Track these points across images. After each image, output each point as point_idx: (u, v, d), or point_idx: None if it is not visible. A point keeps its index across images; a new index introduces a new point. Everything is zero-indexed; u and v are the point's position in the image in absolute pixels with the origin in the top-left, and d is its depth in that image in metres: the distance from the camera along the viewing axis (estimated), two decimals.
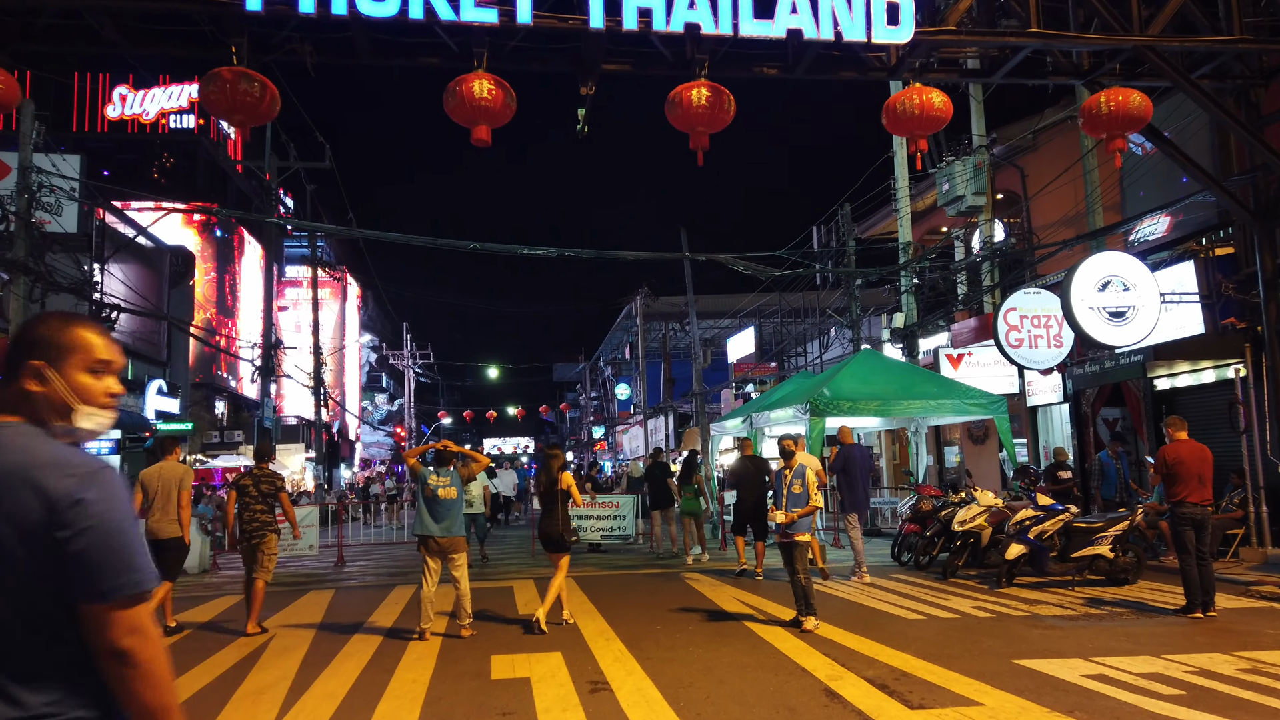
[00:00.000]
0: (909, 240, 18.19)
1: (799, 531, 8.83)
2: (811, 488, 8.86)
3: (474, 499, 14.39)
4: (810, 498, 8.81)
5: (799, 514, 8.76)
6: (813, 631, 8.47)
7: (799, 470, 8.92)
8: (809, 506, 8.80)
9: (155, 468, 9.33)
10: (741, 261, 16.12)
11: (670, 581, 12.28)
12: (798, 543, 8.78)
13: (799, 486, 8.83)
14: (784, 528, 8.80)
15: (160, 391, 24.73)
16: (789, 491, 8.85)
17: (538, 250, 15.27)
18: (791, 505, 8.81)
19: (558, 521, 9.16)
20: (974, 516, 11.89)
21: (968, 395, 14.49)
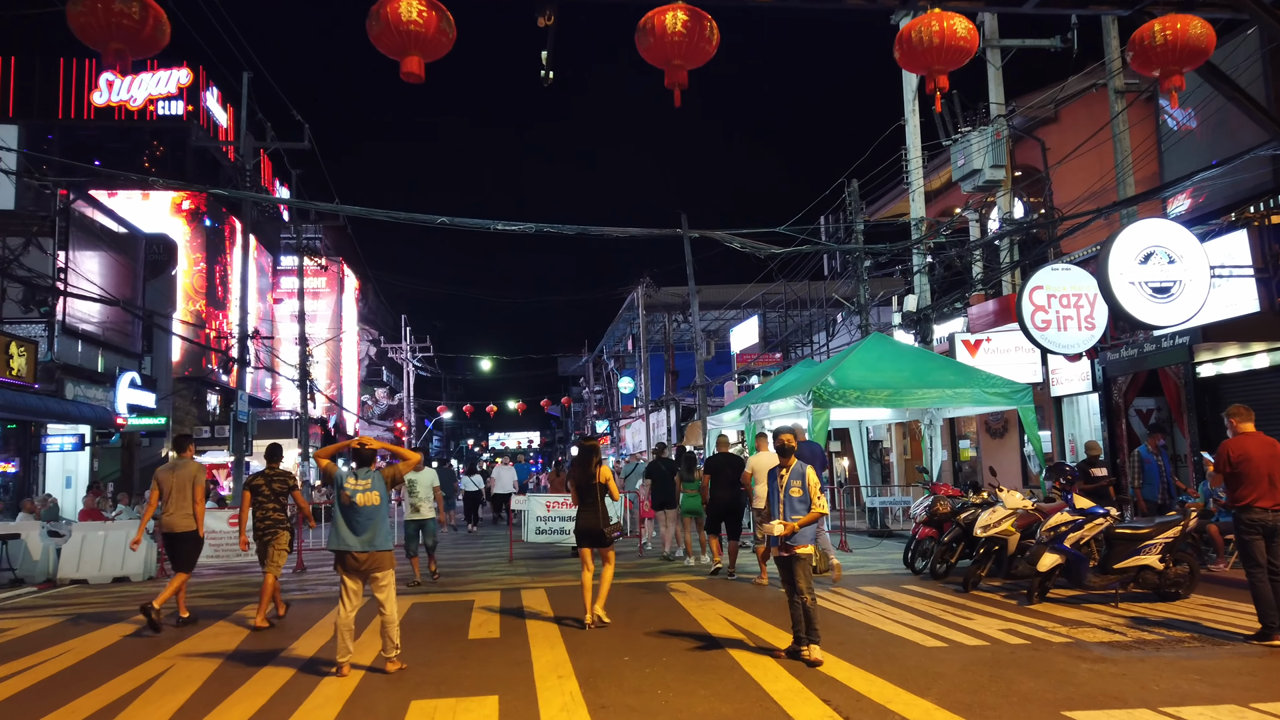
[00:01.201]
0: (922, 216, 16.55)
1: (800, 543, 7.24)
2: (814, 490, 7.29)
3: (422, 503, 12.23)
4: (813, 502, 7.25)
5: (801, 523, 7.19)
6: (815, 663, 6.92)
7: (797, 470, 7.33)
8: (812, 513, 7.23)
9: (170, 465, 9.55)
10: (739, 239, 14.53)
11: (653, 594, 10.72)
12: (799, 556, 7.21)
13: (798, 489, 7.27)
14: (783, 539, 7.22)
15: (133, 384, 23.28)
16: (786, 495, 7.28)
17: (513, 226, 13.70)
18: (790, 512, 7.24)
19: (598, 516, 8.73)
20: (999, 521, 10.28)
21: (988, 383, 12.88)
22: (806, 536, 7.25)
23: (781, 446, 7.48)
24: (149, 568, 13.98)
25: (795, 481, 7.29)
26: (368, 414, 49.74)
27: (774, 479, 7.41)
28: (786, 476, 7.34)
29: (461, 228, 13.46)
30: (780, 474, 7.37)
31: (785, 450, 7.45)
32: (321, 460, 7.38)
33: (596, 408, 53.15)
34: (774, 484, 7.38)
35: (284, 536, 9.54)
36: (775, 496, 7.33)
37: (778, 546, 7.27)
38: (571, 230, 13.98)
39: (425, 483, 12.29)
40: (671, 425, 36.76)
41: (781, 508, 7.26)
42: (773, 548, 7.38)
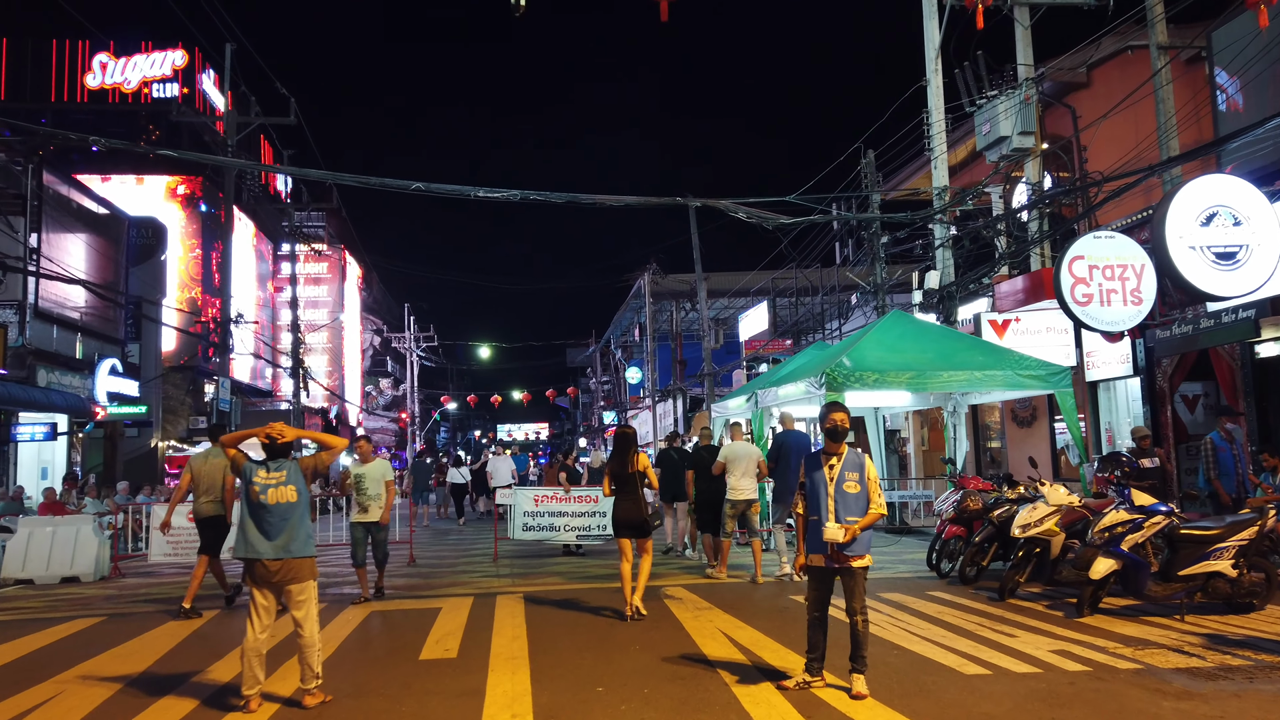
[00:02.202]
0: (945, 185, 15.06)
1: (858, 553, 5.77)
2: (874, 487, 5.83)
3: (370, 501, 9.84)
4: (872, 501, 5.79)
5: (860, 526, 5.71)
6: (859, 696, 5.57)
7: (853, 460, 5.81)
8: (871, 514, 5.76)
9: (203, 454, 9.93)
10: (745, 209, 13.13)
11: (645, 601, 9.33)
12: (855, 570, 5.76)
13: (855, 483, 5.74)
14: (835, 547, 5.72)
15: (114, 371, 22.05)
16: (839, 491, 5.72)
17: (495, 193, 12.34)
18: (846, 513, 5.71)
19: (638, 505, 8.45)
20: (1041, 519, 8.85)
21: (1022, 365, 11.44)
22: (864, 545, 5.76)
23: (834, 428, 5.91)
24: (101, 567, 12.71)
25: (850, 474, 5.77)
26: (371, 405, 48.54)
27: (818, 469, 5.87)
28: (838, 467, 5.80)
29: (438, 194, 12.11)
30: (830, 464, 5.83)
31: (837, 433, 5.89)
32: (229, 448, 6.03)
33: (604, 399, 51.81)
34: (820, 476, 5.84)
35: None
36: (823, 492, 5.79)
37: (824, 555, 5.77)
38: (560, 198, 12.60)
39: (375, 476, 9.90)
40: (679, 415, 35.38)
41: (832, 506, 5.72)
42: (814, 555, 5.82)
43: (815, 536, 5.74)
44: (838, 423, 5.88)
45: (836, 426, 5.87)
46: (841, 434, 5.85)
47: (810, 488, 5.85)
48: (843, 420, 5.89)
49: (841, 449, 5.86)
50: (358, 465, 9.94)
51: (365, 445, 10.19)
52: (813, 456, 5.95)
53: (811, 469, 5.89)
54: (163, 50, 34.73)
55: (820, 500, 5.76)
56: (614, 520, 8.60)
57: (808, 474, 5.90)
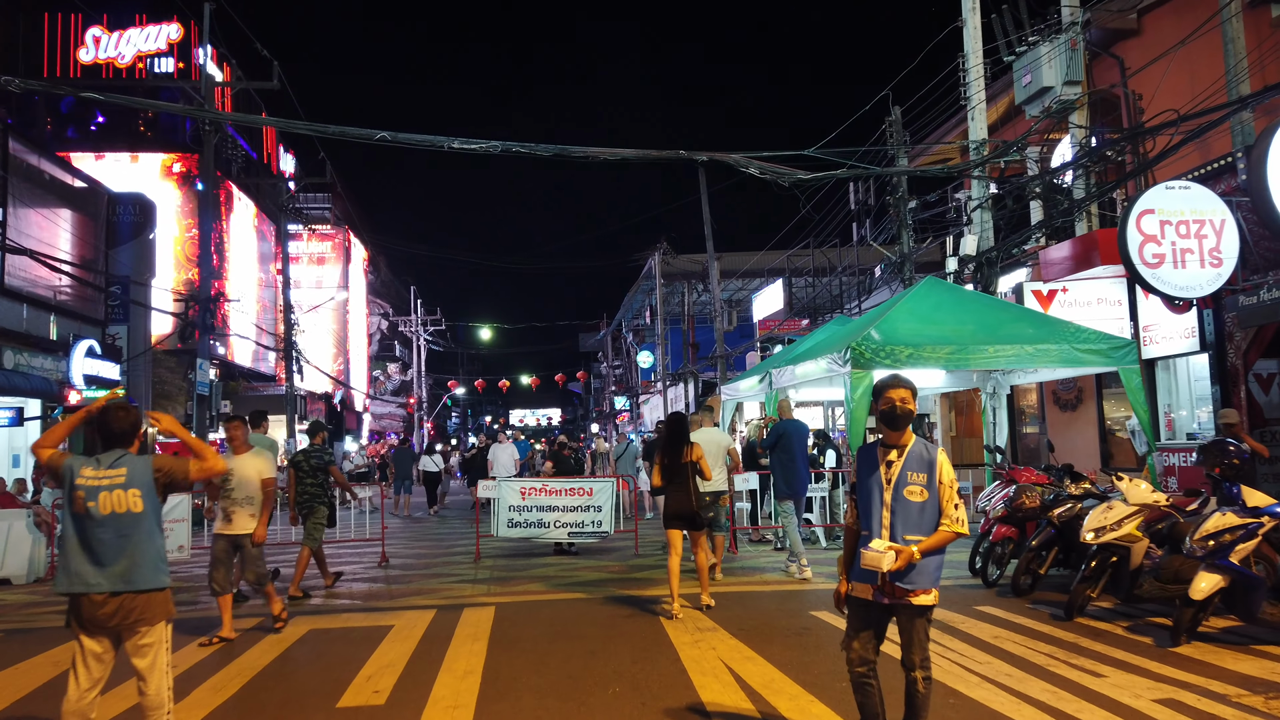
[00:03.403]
0: (983, 138, 13.26)
1: (921, 585, 3.96)
2: (948, 492, 4.01)
3: (237, 507, 7.41)
4: (945, 512, 3.99)
5: (923, 548, 3.91)
6: None
7: (919, 454, 4.04)
8: (944, 533, 3.96)
9: None
10: (757, 163, 11.42)
11: (636, 619, 7.70)
12: (915, 609, 3.99)
13: (919, 489, 3.97)
14: (887, 576, 3.93)
15: (91, 353, 20.57)
16: (898, 497, 4.00)
17: (472, 144, 10.68)
18: (905, 528, 3.96)
19: (691, 497, 7.87)
20: (1120, 521, 7.15)
21: (1079, 338, 9.70)
22: (929, 575, 3.98)
23: (893, 411, 4.04)
24: (36, 568, 11.22)
25: (915, 476, 4.00)
26: (379, 390, 47.09)
27: (872, 468, 4.12)
28: (898, 465, 4.03)
29: (408, 144, 10.48)
30: (887, 459, 4.07)
31: (897, 417, 4.05)
32: (43, 451, 4.38)
33: (615, 383, 50.18)
34: (874, 478, 4.09)
35: (320, 511, 9.54)
36: (876, 499, 4.04)
37: (875, 585, 4.01)
38: (547, 150, 10.94)
39: (248, 475, 7.35)
40: (691, 399, 33.74)
41: (887, 519, 4.01)
42: (859, 583, 4.09)
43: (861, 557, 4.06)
44: (897, 403, 4.07)
45: (896, 408, 4.07)
46: (904, 419, 4.07)
47: (862, 493, 4.14)
48: (904, 400, 4.08)
49: (904, 439, 4.09)
50: (227, 456, 7.52)
51: (237, 429, 7.69)
52: (866, 451, 4.22)
53: (864, 468, 4.16)
54: (157, 24, 33.15)
55: (873, 510, 4.05)
56: (665, 513, 8.07)
57: (859, 474, 4.20)
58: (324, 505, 9.63)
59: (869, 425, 9.62)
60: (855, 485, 4.29)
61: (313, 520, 9.50)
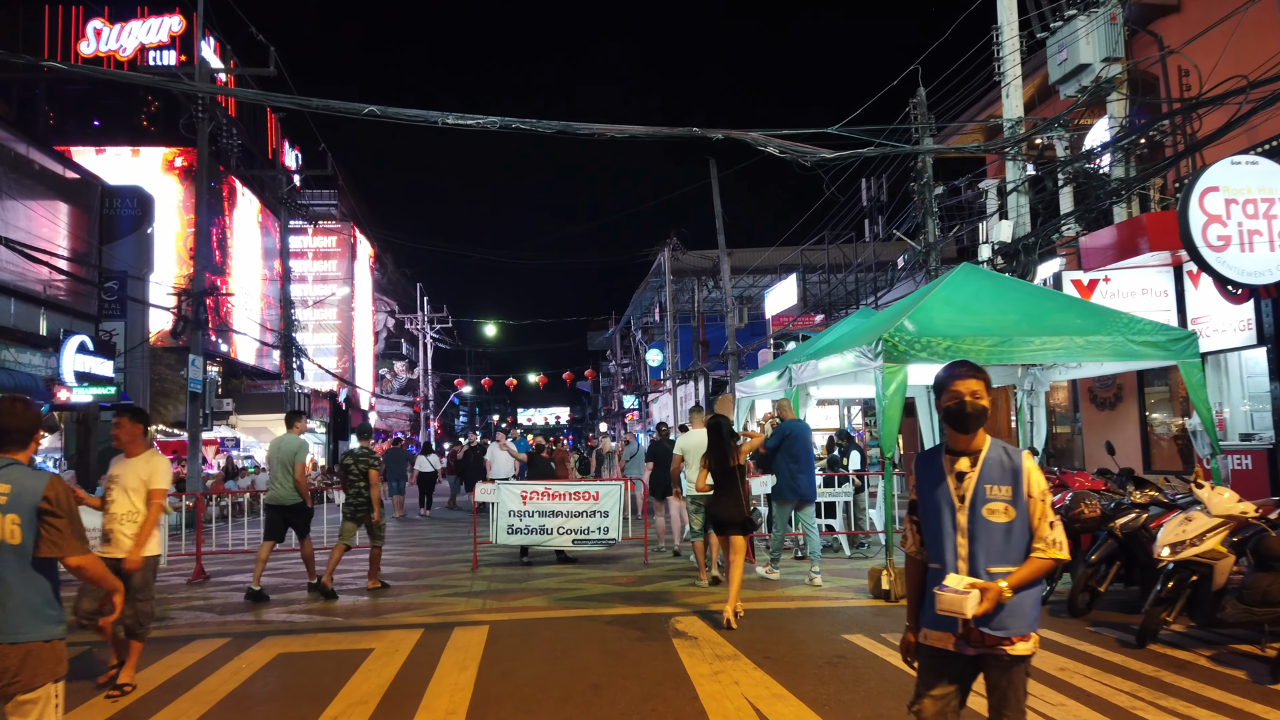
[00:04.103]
0: (1019, 116, 12.29)
1: (1015, 632, 3.00)
2: (1039, 509, 3.07)
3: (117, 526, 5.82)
4: (1037, 532, 3.05)
5: (1016, 582, 2.98)
6: None
7: (1000, 464, 3.11)
8: (1040, 560, 3.04)
9: (277, 440, 9.59)
10: (776, 141, 10.50)
11: (645, 641, 6.78)
12: (1013, 659, 3.03)
13: (1002, 507, 3.04)
14: (971, 623, 2.98)
15: (83, 349, 19.73)
16: (975, 519, 3.06)
17: (468, 119, 9.77)
18: (988, 558, 3.03)
19: (740, 501, 7.53)
20: (1202, 536, 6.19)
21: (1135, 329, 8.73)
22: (1026, 616, 3.03)
23: (961, 408, 3.11)
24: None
25: (997, 490, 3.06)
26: (385, 389, 46.27)
27: (936, 481, 3.17)
28: (973, 477, 3.10)
29: (397, 119, 9.57)
30: (957, 470, 3.13)
31: (966, 417, 3.11)
32: None
33: (624, 382, 49.26)
34: (941, 494, 3.14)
35: (366, 517, 9.48)
36: (947, 521, 3.10)
37: (956, 633, 3.05)
38: (549, 127, 10.03)
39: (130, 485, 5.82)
40: (701, 398, 32.82)
41: (964, 546, 3.06)
42: (933, 630, 3.13)
43: (933, 598, 3.12)
44: (966, 397, 3.11)
45: (966, 405, 3.10)
46: (976, 418, 3.13)
47: (927, 514, 3.20)
48: (976, 394, 3.12)
49: (977, 443, 3.16)
50: (117, 461, 6.02)
51: (126, 426, 5.97)
52: (927, 461, 3.26)
53: (926, 482, 3.21)
54: (159, 16, 32.43)
55: (943, 536, 3.11)
56: (715, 519, 7.75)
57: (921, 490, 3.26)
58: (380, 506, 9.58)
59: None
60: (914, 505, 3.36)
61: (365, 522, 9.48)
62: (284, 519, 9.43)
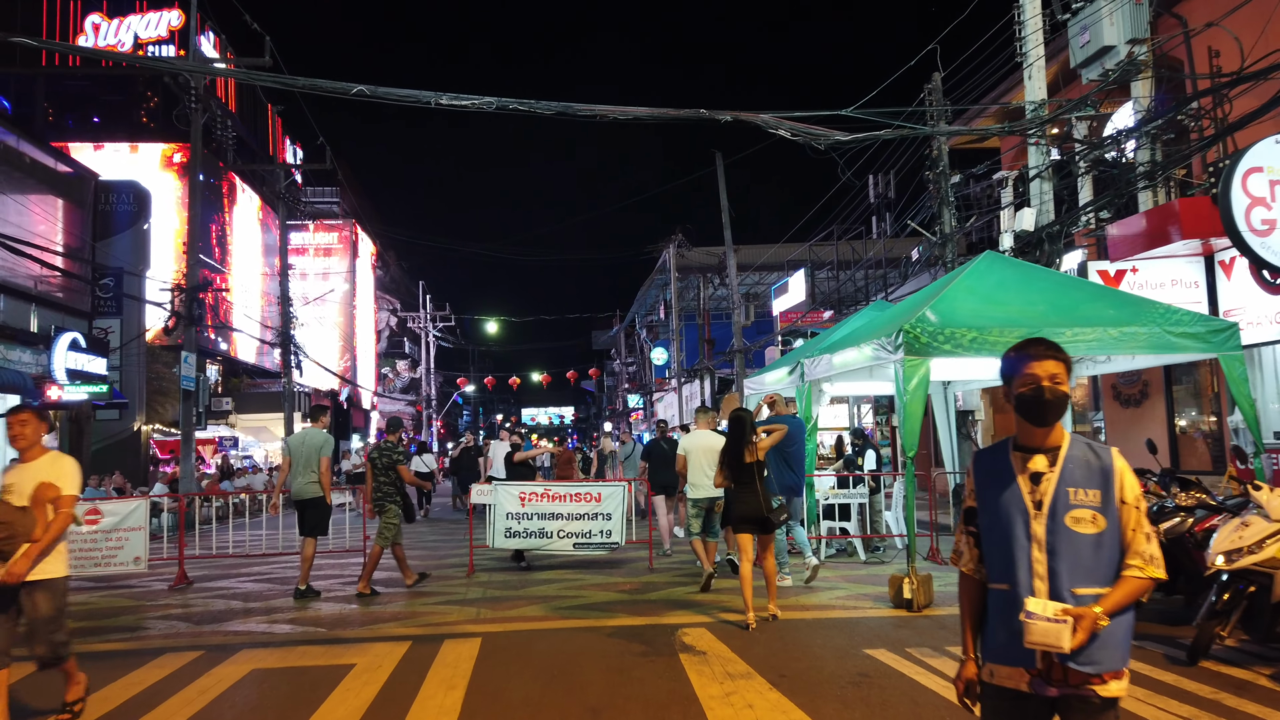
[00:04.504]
0: (1042, 99, 11.70)
1: (1106, 668, 2.41)
2: (1133, 517, 2.51)
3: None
4: (1131, 547, 2.49)
5: (1109, 606, 2.41)
6: None
7: (1083, 462, 2.55)
8: (1132, 580, 2.47)
9: (300, 434, 9.53)
10: (789, 123, 9.94)
11: (650, 657, 6.23)
12: (1103, 702, 2.45)
13: (1090, 515, 2.48)
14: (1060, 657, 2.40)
15: (75, 346, 19.26)
16: (1055, 529, 2.49)
17: (462, 100, 9.24)
18: (1073, 577, 2.46)
19: (759, 498, 7.25)
20: (1260, 543, 5.63)
21: (1170, 319, 8.16)
22: (1116, 649, 2.45)
23: (1037, 395, 2.56)
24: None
25: (1081, 493, 2.51)
26: (388, 388, 45.77)
27: (1002, 481, 2.62)
28: (1052, 478, 2.55)
29: (387, 100, 9.04)
30: (1030, 470, 2.58)
31: (1044, 405, 2.56)
32: None
33: (629, 381, 48.72)
34: (1011, 497, 2.59)
35: (391, 510, 9.24)
36: (1019, 530, 2.55)
37: (1033, 670, 2.48)
38: (548, 108, 9.48)
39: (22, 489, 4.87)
40: (707, 397, 32.27)
41: (1041, 563, 2.50)
42: (1001, 665, 2.55)
43: (1004, 626, 2.55)
44: (1044, 382, 2.57)
45: (1044, 391, 2.57)
46: (1054, 407, 2.58)
47: (991, 523, 2.64)
48: (1055, 378, 2.60)
49: (1056, 439, 2.61)
50: (12, 467, 5.05)
51: (32, 424, 5.04)
52: (990, 459, 2.71)
53: (990, 483, 2.66)
54: (157, 10, 31.96)
55: (1015, 550, 2.55)
56: (733, 516, 7.46)
57: (982, 494, 2.70)
58: (395, 504, 9.31)
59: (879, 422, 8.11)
60: (969, 513, 2.79)
61: (384, 519, 9.19)
62: (301, 515, 9.17)
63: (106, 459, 22.17)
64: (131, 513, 9.99)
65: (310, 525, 9.16)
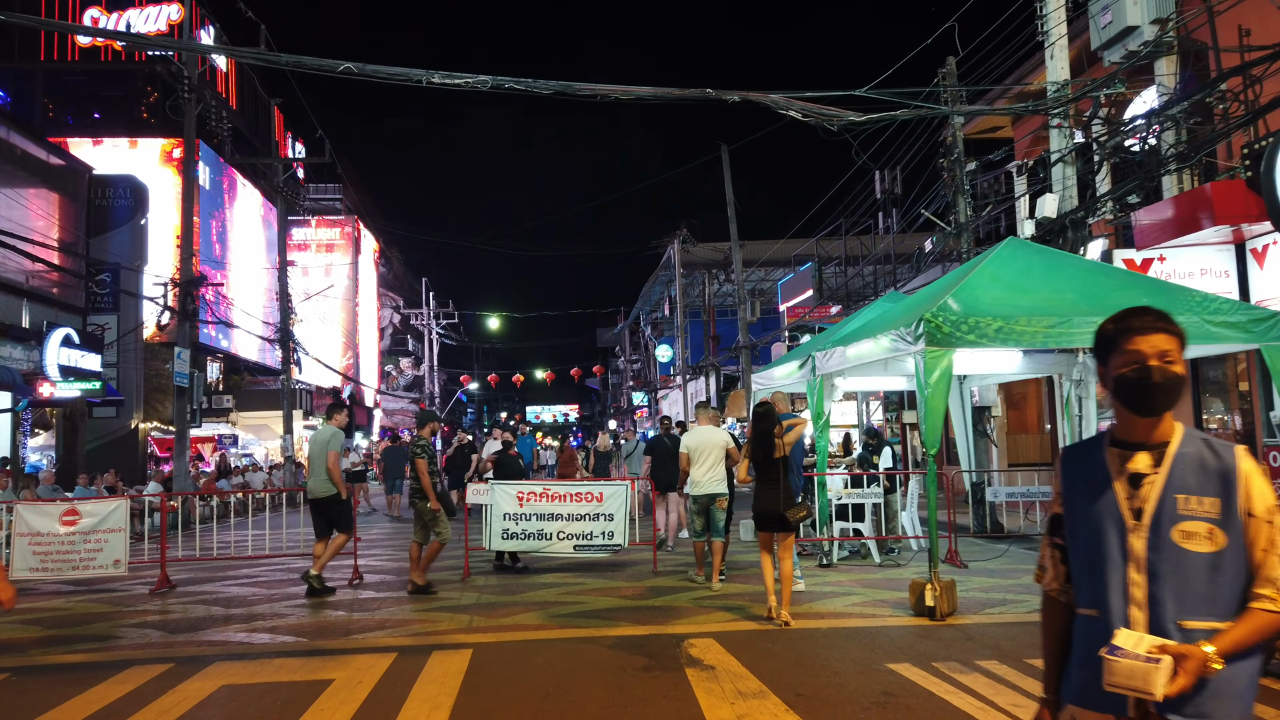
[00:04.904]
0: (1065, 79, 11.14)
1: (1229, 713, 1.93)
2: (1264, 531, 1.97)
3: None
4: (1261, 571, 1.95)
5: (1233, 643, 1.88)
6: None
7: (1198, 463, 2.01)
8: (1264, 613, 1.92)
9: (315, 432, 9.60)
10: (798, 104, 9.41)
11: (655, 677, 5.70)
12: None
13: (1205, 529, 1.95)
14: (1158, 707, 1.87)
15: (68, 342, 18.83)
16: (1159, 545, 1.97)
17: (455, 78, 8.72)
18: (1181, 607, 1.93)
19: (780, 496, 6.95)
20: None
21: (1210, 308, 7.62)
22: (1240, 696, 1.93)
23: (1144, 379, 2.03)
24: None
25: (1195, 499, 1.97)
26: (391, 385, 45.32)
27: (1095, 485, 2.09)
28: (1158, 480, 2.01)
29: (375, 78, 8.53)
30: (1130, 470, 2.05)
31: (1153, 389, 2.03)
32: None
33: (633, 378, 48.21)
34: (1106, 506, 2.06)
35: (422, 507, 8.93)
36: (1113, 547, 2.01)
37: (1126, 718, 1.95)
38: (547, 87, 8.96)
39: None
40: (712, 394, 31.75)
41: (1141, 588, 1.97)
42: (1085, 710, 2.03)
43: (1090, 661, 2.02)
44: (1151, 359, 2.06)
45: (1150, 370, 2.04)
46: (1165, 391, 2.06)
47: (1080, 534, 2.12)
48: (1167, 355, 2.07)
49: (1164, 433, 2.10)
50: None
51: None
52: (1079, 455, 2.22)
53: (1079, 486, 2.15)
54: (157, 4, 31.51)
55: (1107, 568, 2.03)
56: (755, 512, 7.22)
57: (1070, 498, 2.18)
58: (425, 500, 8.94)
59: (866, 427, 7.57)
60: (1055, 521, 2.26)
61: (428, 518, 8.91)
62: (322, 515, 9.00)
63: (104, 457, 21.72)
64: (111, 513, 9.49)
65: (330, 523, 8.98)
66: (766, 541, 7.15)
